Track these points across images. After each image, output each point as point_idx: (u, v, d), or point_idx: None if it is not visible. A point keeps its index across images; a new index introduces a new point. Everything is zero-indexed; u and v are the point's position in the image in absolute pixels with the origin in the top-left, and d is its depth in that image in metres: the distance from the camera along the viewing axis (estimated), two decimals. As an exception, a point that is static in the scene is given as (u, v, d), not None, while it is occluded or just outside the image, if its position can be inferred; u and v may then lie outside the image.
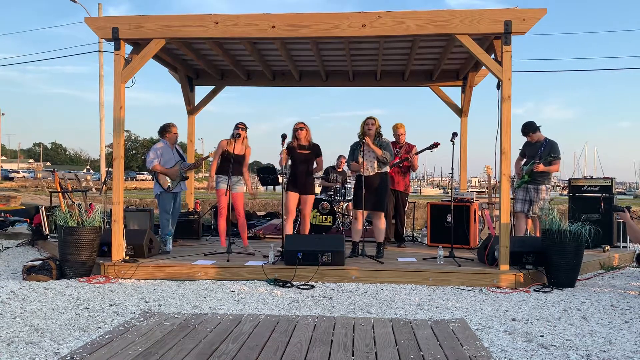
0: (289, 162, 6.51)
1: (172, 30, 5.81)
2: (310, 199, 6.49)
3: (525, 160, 7.04)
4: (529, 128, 6.86)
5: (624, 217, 5.64)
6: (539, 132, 6.89)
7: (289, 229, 6.38)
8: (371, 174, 6.15)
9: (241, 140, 6.64)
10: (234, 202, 6.77)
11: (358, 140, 6.28)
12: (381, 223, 6.24)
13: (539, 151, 6.78)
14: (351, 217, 8.80)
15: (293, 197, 6.37)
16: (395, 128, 7.43)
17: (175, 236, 7.33)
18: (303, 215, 6.53)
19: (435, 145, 7.22)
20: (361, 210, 6.09)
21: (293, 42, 7.12)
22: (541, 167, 6.64)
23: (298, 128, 6.41)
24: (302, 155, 6.37)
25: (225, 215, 6.59)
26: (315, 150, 6.50)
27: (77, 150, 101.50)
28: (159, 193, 7.00)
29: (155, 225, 7.75)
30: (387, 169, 6.29)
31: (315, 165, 6.55)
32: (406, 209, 7.56)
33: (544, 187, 6.76)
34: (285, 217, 6.38)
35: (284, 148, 6.25)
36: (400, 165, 7.25)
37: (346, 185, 8.84)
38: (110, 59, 5.99)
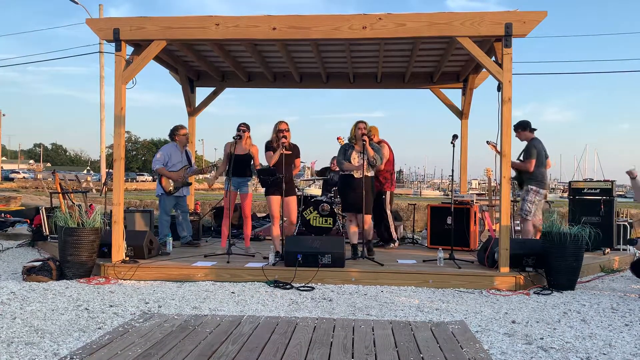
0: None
1: (173, 31, 5.82)
2: (293, 200, 6.31)
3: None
4: (517, 125, 6.77)
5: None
6: (528, 131, 6.77)
7: (277, 233, 6.29)
8: (361, 175, 6.13)
9: (243, 141, 6.63)
10: (241, 203, 6.76)
11: (349, 142, 6.30)
12: (367, 225, 6.21)
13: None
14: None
15: (276, 200, 6.20)
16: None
17: (193, 237, 7.36)
18: (287, 218, 6.33)
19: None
20: (352, 212, 6.10)
21: (294, 44, 7.13)
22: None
23: (283, 129, 6.21)
24: (285, 156, 6.15)
25: (227, 217, 6.58)
26: (295, 152, 6.35)
27: (77, 151, 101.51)
28: (160, 194, 7.02)
29: (155, 227, 7.75)
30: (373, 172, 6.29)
31: (294, 167, 6.39)
32: (388, 209, 7.27)
33: (528, 187, 6.63)
34: (272, 221, 6.33)
35: (282, 149, 6.10)
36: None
37: None
38: (111, 60, 6.01)
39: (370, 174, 6.21)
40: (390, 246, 7.30)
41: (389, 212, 7.31)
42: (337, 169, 9.48)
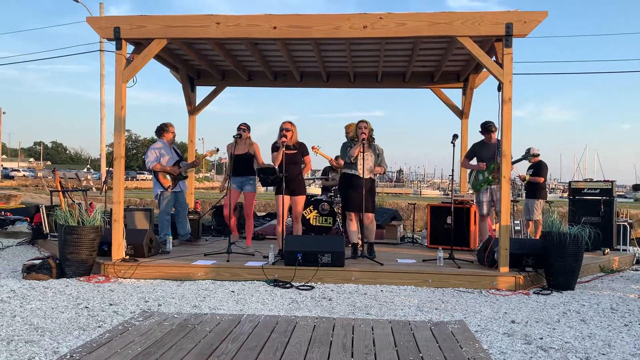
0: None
1: (174, 30, 5.82)
2: (301, 199, 6.34)
3: (474, 160, 6.99)
4: (494, 126, 6.80)
5: None
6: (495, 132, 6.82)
7: (280, 231, 6.27)
8: (367, 176, 6.14)
9: (243, 140, 6.64)
10: (244, 202, 6.77)
11: (351, 141, 6.30)
12: (371, 224, 6.24)
13: (497, 151, 6.68)
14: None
15: (281, 198, 6.17)
16: (347, 127, 7.19)
17: (192, 235, 7.35)
18: (295, 218, 6.39)
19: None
20: (354, 212, 6.10)
21: (294, 43, 7.13)
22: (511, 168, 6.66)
23: (284, 128, 6.22)
24: (288, 155, 6.18)
25: (232, 216, 6.58)
26: (301, 150, 6.37)
27: (77, 150, 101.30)
28: (159, 193, 7.02)
29: (155, 225, 7.76)
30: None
31: (304, 165, 6.42)
32: None
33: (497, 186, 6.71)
34: (278, 220, 6.34)
35: (282, 148, 6.13)
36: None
37: None
38: (112, 59, 5.99)
39: (370, 176, 6.21)
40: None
41: None
42: (340, 166, 9.50)
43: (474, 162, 7.05)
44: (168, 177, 7.00)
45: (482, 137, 7.01)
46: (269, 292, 5.03)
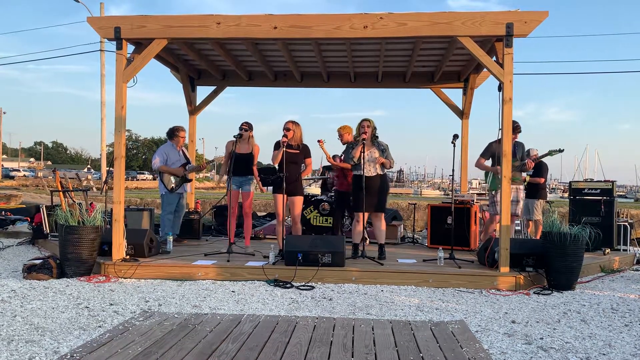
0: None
1: (174, 30, 5.82)
2: (299, 200, 6.33)
3: (489, 161, 6.95)
4: (520, 127, 6.80)
5: None
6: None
7: (280, 231, 6.29)
8: (372, 174, 6.15)
9: (246, 140, 6.63)
10: (242, 202, 6.78)
11: (355, 140, 6.31)
12: (382, 224, 6.24)
13: (515, 151, 6.61)
14: (351, 218, 8.80)
15: (281, 199, 6.18)
16: (340, 130, 7.18)
17: (179, 235, 7.37)
18: (292, 218, 6.39)
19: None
20: (362, 212, 6.09)
21: (295, 43, 7.13)
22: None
23: (286, 128, 6.24)
24: (290, 155, 6.19)
25: (233, 215, 6.58)
26: (304, 151, 6.36)
27: (78, 150, 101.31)
28: (163, 193, 7.07)
29: (155, 225, 7.76)
30: (386, 170, 6.30)
31: (304, 167, 6.42)
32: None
33: (521, 186, 6.74)
34: (277, 220, 6.34)
35: (282, 147, 6.14)
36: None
37: None
38: (112, 59, 6.01)
39: (378, 172, 6.17)
40: None
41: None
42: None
43: (489, 162, 7.00)
44: (172, 178, 7.06)
45: (495, 137, 6.97)
46: (269, 292, 5.03)
